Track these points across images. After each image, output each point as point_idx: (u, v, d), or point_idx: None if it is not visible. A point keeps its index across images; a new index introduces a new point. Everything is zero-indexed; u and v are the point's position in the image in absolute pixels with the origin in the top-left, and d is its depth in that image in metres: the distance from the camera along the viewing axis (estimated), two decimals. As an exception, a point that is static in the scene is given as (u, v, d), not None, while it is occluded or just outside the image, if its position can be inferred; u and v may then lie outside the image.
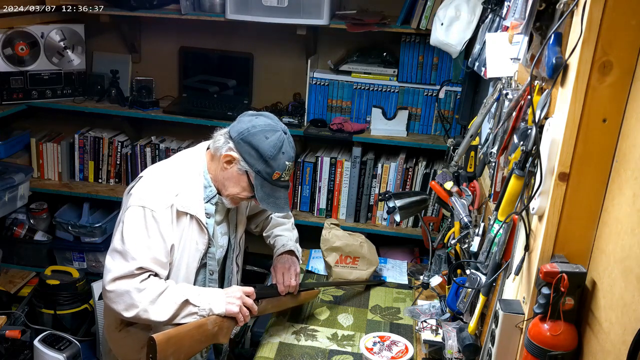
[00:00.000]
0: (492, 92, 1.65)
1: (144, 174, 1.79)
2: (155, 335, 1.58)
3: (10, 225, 3.22)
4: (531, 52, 1.31)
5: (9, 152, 3.14)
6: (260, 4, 2.75)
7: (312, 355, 1.87)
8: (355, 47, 3.03)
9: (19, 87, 3.00)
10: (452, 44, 2.39)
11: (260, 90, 3.19)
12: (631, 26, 1.02)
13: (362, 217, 2.98)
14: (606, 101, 1.06)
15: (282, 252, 2.01)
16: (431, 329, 1.87)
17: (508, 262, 1.39)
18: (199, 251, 1.79)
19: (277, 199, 1.78)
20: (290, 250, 2.02)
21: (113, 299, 1.65)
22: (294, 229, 2.14)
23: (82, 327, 2.91)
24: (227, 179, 1.77)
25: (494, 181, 1.69)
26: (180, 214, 1.73)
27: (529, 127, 1.19)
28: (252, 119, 1.76)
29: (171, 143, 3.18)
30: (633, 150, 1.01)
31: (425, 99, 2.90)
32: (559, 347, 1.10)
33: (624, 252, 1.00)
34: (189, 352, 1.68)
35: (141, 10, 2.92)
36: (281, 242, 2.04)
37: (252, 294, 1.80)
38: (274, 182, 1.74)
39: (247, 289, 1.79)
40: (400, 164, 2.88)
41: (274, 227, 2.11)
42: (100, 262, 3.19)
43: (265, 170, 1.72)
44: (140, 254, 1.65)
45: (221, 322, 1.71)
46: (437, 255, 2.24)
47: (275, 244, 2.06)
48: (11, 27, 2.87)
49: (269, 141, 1.70)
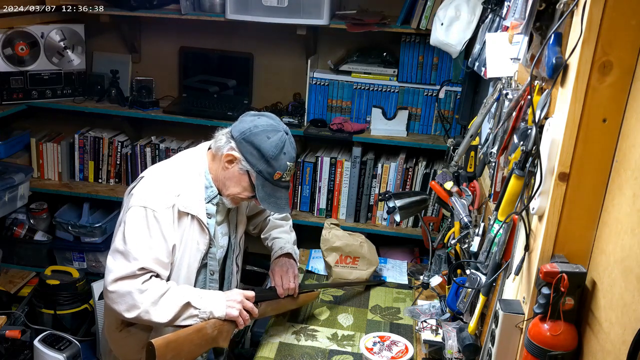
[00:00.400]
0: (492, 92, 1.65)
1: (145, 174, 1.79)
2: (154, 340, 1.58)
3: (10, 225, 3.22)
4: (531, 52, 1.31)
5: (9, 152, 3.14)
6: (260, 4, 2.75)
7: (312, 355, 1.87)
8: (355, 47, 3.03)
9: (19, 87, 3.00)
10: (452, 44, 2.39)
11: (260, 90, 3.19)
12: (631, 26, 1.02)
13: (362, 217, 2.98)
14: (606, 101, 1.06)
15: (279, 255, 2.01)
16: (431, 329, 1.87)
17: (508, 262, 1.39)
18: (200, 251, 1.79)
19: (278, 199, 1.78)
20: (288, 253, 2.02)
21: (115, 299, 1.65)
22: (292, 232, 2.14)
23: (82, 327, 2.91)
24: (228, 179, 1.77)
25: (494, 181, 1.69)
26: (182, 214, 1.73)
27: (529, 127, 1.19)
28: (254, 119, 1.76)
29: (171, 143, 3.18)
30: (633, 150, 1.01)
31: (425, 99, 2.90)
32: (559, 347, 1.10)
33: (624, 252, 1.00)
34: (188, 357, 1.68)
35: (141, 10, 2.92)
36: (279, 245, 2.04)
37: (253, 297, 1.79)
38: (275, 182, 1.75)
39: (247, 293, 1.79)
40: (400, 164, 2.88)
41: (272, 229, 2.11)
42: (100, 262, 3.19)
43: (266, 170, 1.72)
44: (142, 254, 1.65)
45: (221, 326, 1.71)
46: (437, 255, 2.24)
47: (273, 246, 2.06)
48: (11, 27, 2.87)
49: (270, 141, 1.70)
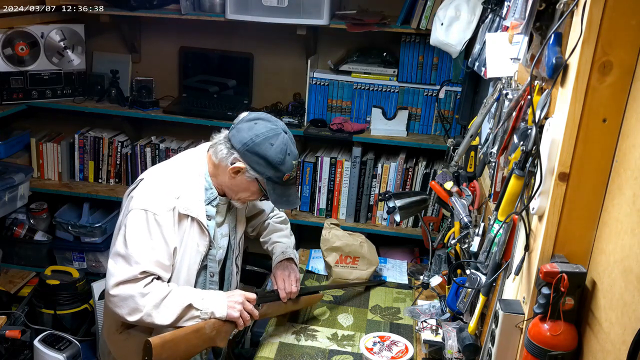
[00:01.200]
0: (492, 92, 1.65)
1: (145, 176, 1.79)
2: (151, 338, 1.58)
3: (10, 225, 3.22)
4: (531, 52, 1.31)
5: (9, 152, 3.14)
6: (260, 4, 2.75)
7: (312, 355, 1.87)
8: (355, 47, 3.03)
9: (19, 87, 3.00)
10: (452, 44, 2.39)
11: (260, 90, 3.19)
12: (631, 26, 1.02)
13: (362, 217, 2.98)
14: (606, 101, 1.06)
15: (281, 260, 2.01)
16: (431, 329, 1.87)
17: (508, 262, 1.39)
18: (200, 253, 1.79)
19: (289, 197, 1.81)
20: (289, 257, 2.02)
21: (117, 303, 1.65)
22: (291, 235, 2.15)
23: (82, 327, 2.91)
24: (236, 186, 1.78)
25: (494, 181, 1.69)
26: (182, 217, 1.73)
27: (529, 127, 1.19)
28: (252, 125, 1.73)
29: (171, 143, 3.18)
30: (633, 150, 1.01)
31: (425, 99, 2.90)
32: (559, 347, 1.10)
33: (624, 252, 1.00)
34: (185, 356, 1.68)
35: (141, 10, 2.92)
36: (280, 249, 2.04)
37: (254, 299, 1.79)
38: (284, 183, 1.76)
39: (249, 295, 1.78)
40: (400, 164, 2.88)
41: (271, 232, 2.11)
42: (100, 262, 3.19)
43: (275, 175, 1.73)
44: (143, 257, 1.65)
45: (220, 326, 1.71)
46: (437, 255, 2.24)
47: (274, 250, 2.06)
48: (11, 27, 2.87)
49: (274, 147, 1.70)
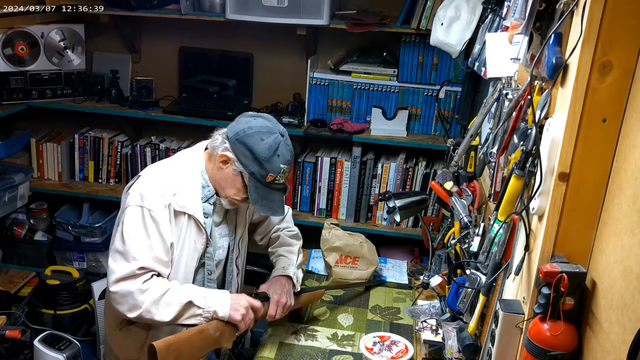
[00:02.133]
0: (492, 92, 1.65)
1: (143, 173, 1.79)
2: (155, 342, 1.58)
3: (10, 225, 3.22)
4: (531, 52, 1.31)
5: (9, 152, 3.14)
6: (260, 4, 2.75)
7: (312, 355, 1.87)
8: (355, 47, 3.03)
9: (19, 87, 3.00)
10: (452, 44, 2.39)
11: (260, 90, 3.19)
12: (631, 26, 1.02)
13: (362, 217, 2.98)
14: (606, 101, 1.06)
15: (279, 275, 1.94)
16: (431, 329, 1.87)
17: (508, 262, 1.39)
18: (198, 251, 1.79)
19: (271, 201, 1.76)
20: (287, 275, 1.93)
21: (117, 299, 1.66)
22: (300, 253, 2.05)
23: (82, 327, 2.91)
24: (223, 180, 1.77)
25: (494, 181, 1.69)
26: (178, 214, 1.73)
27: (529, 127, 1.19)
28: (250, 119, 1.75)
29: (171, 143, 3.18)
30: (633, 150, 1.01)
31: (425, 99, 2.90)
32: (559, 347, 1.10)
33: (624, 252, 1.00)
34: (190, 358, 1.68)
35: (141, 10, 2.92)
36: (281, 264, 1.97)
37: (259, 309, 1.78)
38: (268, 185, 1.73)
39: (255, 303, 1.77)
40: (400, 164, 2.88)
41: (280, 245, 2.05)
42: (100, 262, 3.19)
43: (259, 172, 1.71)
44: (141, 253, 1.66)
45: (223, 327, 1.71)
46: (437, 255, 2.24)
47: (276, 264, 2.00)
48: (11, 27, 2.87)
49: (264, 143, 1.69)
